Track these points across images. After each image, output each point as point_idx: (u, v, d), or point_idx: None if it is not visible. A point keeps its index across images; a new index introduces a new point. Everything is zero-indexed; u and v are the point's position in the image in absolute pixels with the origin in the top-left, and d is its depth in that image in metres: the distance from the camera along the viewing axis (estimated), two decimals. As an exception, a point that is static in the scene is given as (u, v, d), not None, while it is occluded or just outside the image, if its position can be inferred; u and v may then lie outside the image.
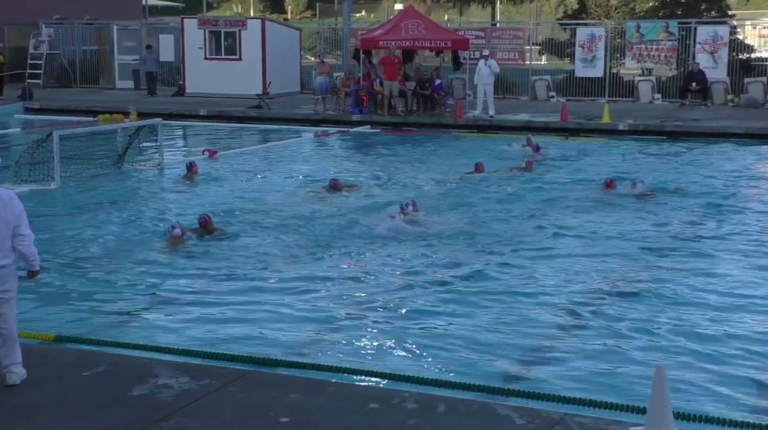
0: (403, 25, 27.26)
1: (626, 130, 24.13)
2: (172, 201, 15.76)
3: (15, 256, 6.87)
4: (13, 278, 6.92)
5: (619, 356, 8.40)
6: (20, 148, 18.78)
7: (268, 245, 12.55)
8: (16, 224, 6.78)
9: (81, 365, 7.29)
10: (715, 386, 7.73)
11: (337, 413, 6.45)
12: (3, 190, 6.91)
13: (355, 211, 14.77)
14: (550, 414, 6.46)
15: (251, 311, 9.67)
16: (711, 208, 15.03)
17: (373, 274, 11.14)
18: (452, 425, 6.27)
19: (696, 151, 21.48)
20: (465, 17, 48.28)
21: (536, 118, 25.92)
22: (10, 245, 6.80)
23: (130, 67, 34.54)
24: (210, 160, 20.09)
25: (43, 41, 34.71)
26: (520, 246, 12.51)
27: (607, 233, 13.24)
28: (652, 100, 29.35)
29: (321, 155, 21.78)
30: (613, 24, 31.81)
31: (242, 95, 29.27)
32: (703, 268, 11.43)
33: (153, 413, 6.41)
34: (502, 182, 17.20)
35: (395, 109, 27.00)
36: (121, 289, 10.56)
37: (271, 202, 15.47)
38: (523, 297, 10.13)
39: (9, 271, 6.85)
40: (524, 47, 32.28)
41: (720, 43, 28.97)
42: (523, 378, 7.87)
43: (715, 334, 9.00)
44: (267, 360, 7.94)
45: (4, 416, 6.42)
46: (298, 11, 70.27)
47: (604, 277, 11.03)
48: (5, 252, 6.78)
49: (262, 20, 33.31)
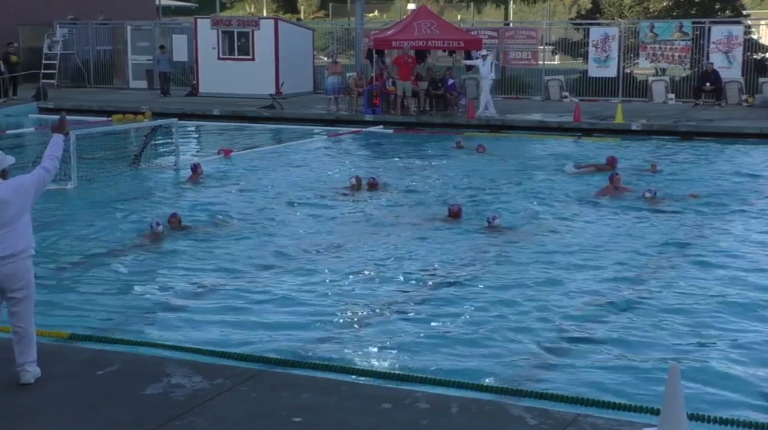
0: (415, 24, 27.26)
1: (640, 130, 24.05)
2: (189, 200, 15.76)
3: (30, 246, 6.82)
4: (29, 274, 6.84)
5: (633, 356, 8.37)
6: (35, 147, 18.85)
7: (282, 245, 12.56)
8: (32, 189, 6.80)
9: (94, 363, 7.31)
10: (730, 386, 7.69)
11: (350, 414, 6.44)
12: (11, 180, 6.87)
13: (372, 209, 14.80)
14: (563, 415, 6.44)
15: (264, 311, 9.69)
16: (726, 209, 14.94)
17: (387, 274, 11.13)
18: (465, 425, 6.26)
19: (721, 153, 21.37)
20: (478, 17, 48.19)
21: (549, 118, 25.87)
22: (29, 232, 6.77)
23: (144, 68, 34.65)
24: (225, 160, 20.16)
25: (58, 41, 34.85)
26: (534, 246, 12.50)
27: (620, 233, 13.21)
28: (665, 100, 29.25)
29: (334, 155, 21.79)
30: (626, 24, 31.71)
31: (255, 95, 29.32)
32: (717, 269, 11.38)
33: (166, 412, 6.42)
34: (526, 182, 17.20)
35: (408, 109, 27.00)
36: (135, 288, 10.60)
37: (285, 202, 15.49)
38: (537, 297, 10.10)
39: (24, 263, 6.77)
40: (537, 47, 32.21)
41: (734, 43, 28.84)
42: (535, 379, 7.85)
43: (729, 334, 8.96)
44: (279, 360, 7.95)
45: (17, 413, 6.44)
46: (311, 11, 70.29)
47: (618, 277, 10.99)
48: (22, 239, 6.73)
49: (275, 20, 33.35)
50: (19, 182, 6.85)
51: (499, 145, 22.14)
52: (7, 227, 6.68)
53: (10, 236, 6.69)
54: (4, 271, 6.69)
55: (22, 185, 6.83)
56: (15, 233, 6.72)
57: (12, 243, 6.70)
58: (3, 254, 6.67)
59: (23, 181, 6.86)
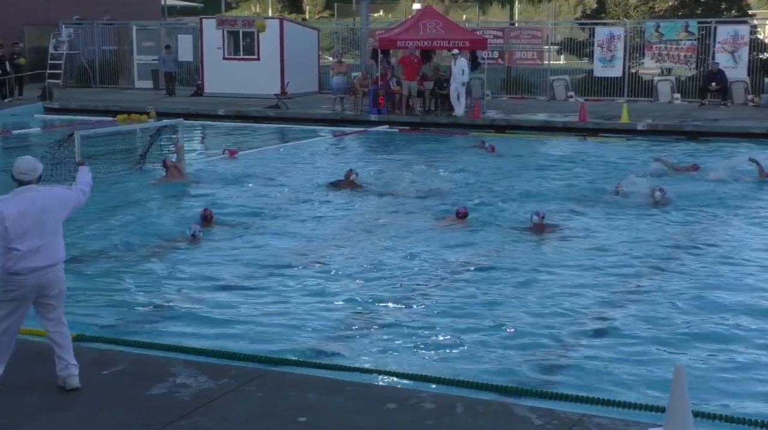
0: (421, 24, 27.23)
1: (645, 130, 24.02)
2: (196, 200, 15.76)
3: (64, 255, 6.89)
4: (63, 282, 6.91)
5: (638, 356, 8.36)
6: (41, 147, 18.87)
7: (287, 245, 12.57)
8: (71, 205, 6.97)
9: (101, 363, 7.33)
10: (735, 385, 7.69)
11: (355, 413, 6.45)
12: (46, 189, 6.94)
13: (379, 210, 14.81)
14: (569, 415, 6.44)
15: (269, 311, 9.69)
16: (734, 209, 14.91)
17: (393, 274, 11.13)
18: (470, 425, 6.26)
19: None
20: (483, 17, 48.20)
21: (554, 118, 25.85)
22: (60, 243, 6.82)
23: (149, 67, 34.69)
24: (230, 160, 20.18)
25: (63, 41, 34.92)
26: (542, 246, 12.50)
27: (626, 234, 13.19)
28: (671, 100, 29.21)
29: (339, 155, 21.80)
30: (632, 23, 31.66)
31: (260, 95, 29.34)
32: (724, 269, 11.37)
33: (171, 412, 6.43)
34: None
35: (413, 109, 27.00)
36: (141, 289, 10.61)
37: (289, 202, 15.50)
38: (542, 297, 10.10)
39: (61, 272, 6.85)
40: (542, 47, 32.20)
41: (740, 43, 28.79)
42: (541, 378, 7.85)
43: (735, 334, 8.95)
44: (285, 360, 7.96)
45: (23, 413, 6.47)
46: (316, 11, 70.35)
47: (623, 277, 10.99)
48: (61, 248, 6.81)
49: (280, 20, 33.39)
50: (62, 196, 6.98)
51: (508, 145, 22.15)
52: (48, 237, 6.70)
53: (51, 245, 6.73)
54: (45, 279, 6.72)
55: (64, 200, 6.96)
56: (56, 242, 6.79)
57: (53, 252, 6.76)
58: (46, 263, 6.70)
59: (66, 196, 7.00)
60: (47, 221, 6.71)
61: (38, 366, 7.19)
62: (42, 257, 6.66)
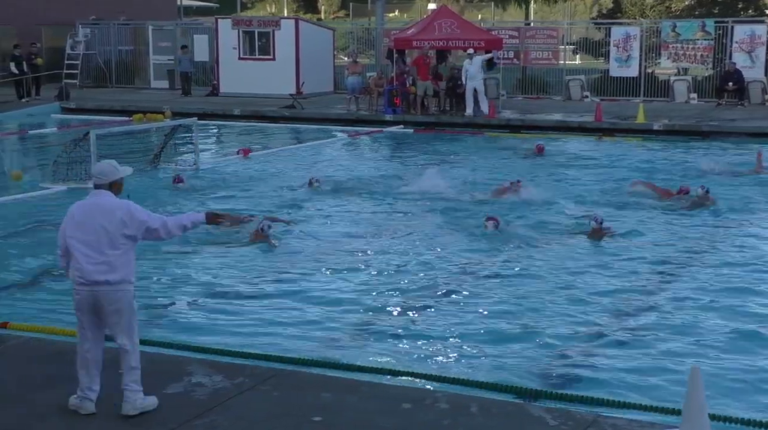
0: (436, 24, 27.21)
1: (661, 130, 23.93)
2: (207, 198, 15.81)
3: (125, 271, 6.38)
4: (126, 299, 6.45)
5: (654, 357, 8.33)
6: (57, 147, 18.95)
7: (304, 245, 12.58)
8: (141, 229, 6.40)
9: (115, 362, 7.34)
10: (752, 388, 7.65)
11: (370, 413, 6.45)
12: (106, 198, 6.42)
13: (396, 210, 14.81)
14: (584, 416, 6.43)
15: (284, 311, 9.71)
16: (753, 213, 14.78)
17: (408, 275, 11.13)
18: (485, 425, 6.26)
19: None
20: (498, 17, 48.09)
21: (570, 117, 25.78)
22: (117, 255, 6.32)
23: (165, 68, 34.79)
24: (244, 160, 20.22)
25: (80, 42, 35.05)
26: (558, 248, 12.46)
27: (646, 235, 13.10)
28: (687, 100, 29.08)
29: (355, 155, 21.81)
30: (648, 23, 31.56)
31: (276, 95, 29.38)
32: (741, 271, 11.29)
33: (187, 411, 6.45)
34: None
35: (428, 109, 26.99)
36: (156, 288, 10.64)
37: (304, 202, 15.50)
38: (558, 299, 10.08)
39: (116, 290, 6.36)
40: (558, 47, 32.13)
41: (757, 43, 28.65)
42: (556, 379, 7.83)
43: (751, 335, 8.90)
44: (300, 360, 7.96)
45: (36, 412, 6.50)
46: (332, 11, 70.35)
47: (639, 278, 10.95)
48: (108, 266, 6.31)
49: (295, 20, 33.42)
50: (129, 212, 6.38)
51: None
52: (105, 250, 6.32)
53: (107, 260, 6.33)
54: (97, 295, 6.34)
55: (131, 216, 6.37)
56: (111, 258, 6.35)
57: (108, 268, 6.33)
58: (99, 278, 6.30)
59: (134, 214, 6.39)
60: (101, 233, 6.29)
61: (52, 366, 7.23)
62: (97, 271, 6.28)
